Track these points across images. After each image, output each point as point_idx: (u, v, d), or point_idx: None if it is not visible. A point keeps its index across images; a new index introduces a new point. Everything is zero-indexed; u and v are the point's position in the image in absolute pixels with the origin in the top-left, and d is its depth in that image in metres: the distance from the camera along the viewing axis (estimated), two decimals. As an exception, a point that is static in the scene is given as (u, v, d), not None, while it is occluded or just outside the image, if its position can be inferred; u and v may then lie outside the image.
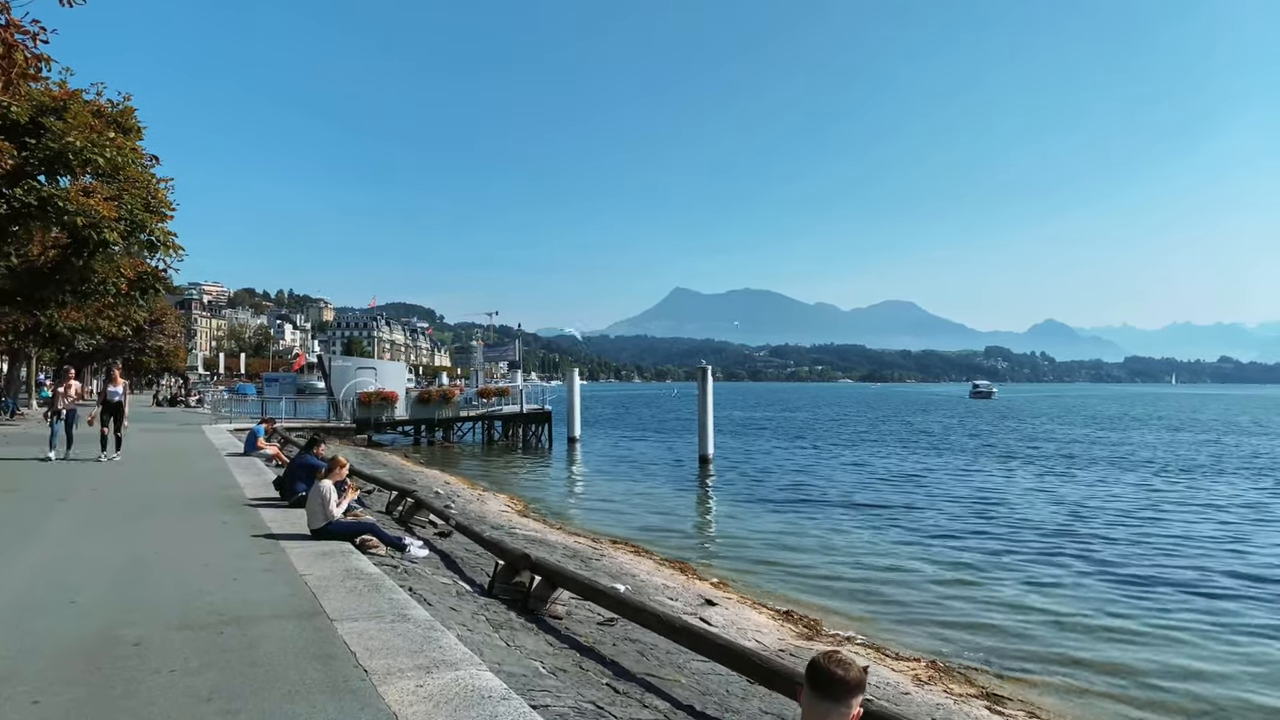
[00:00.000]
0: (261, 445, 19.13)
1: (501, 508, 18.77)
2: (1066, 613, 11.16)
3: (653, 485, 25.28)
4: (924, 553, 15.05)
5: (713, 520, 19.11)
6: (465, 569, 9.51)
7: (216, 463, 17.42)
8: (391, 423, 37.11)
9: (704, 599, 10.50)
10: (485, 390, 39.73)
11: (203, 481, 14.08)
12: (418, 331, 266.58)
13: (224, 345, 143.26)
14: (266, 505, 11.54)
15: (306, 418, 38.35)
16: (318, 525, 9.00)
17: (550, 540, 14.03)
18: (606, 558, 12.70)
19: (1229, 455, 35.97)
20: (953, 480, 26.20)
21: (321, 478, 9.29)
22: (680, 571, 12.64)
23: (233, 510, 10.98)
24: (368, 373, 38.45)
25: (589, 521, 18.50)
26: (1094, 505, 21.03)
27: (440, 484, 22.56)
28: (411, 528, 12.17)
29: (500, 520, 16.49)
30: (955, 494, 22.98)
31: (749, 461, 32.42)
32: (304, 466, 11.55)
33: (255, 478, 14.76)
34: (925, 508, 20.46)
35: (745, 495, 22.88)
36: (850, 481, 25.89)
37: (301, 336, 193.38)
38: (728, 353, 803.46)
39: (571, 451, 37.20)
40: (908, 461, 32.60)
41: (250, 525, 9.86)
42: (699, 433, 30.43)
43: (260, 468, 16.63)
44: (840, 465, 31.19)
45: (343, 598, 6.54)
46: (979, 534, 16.97)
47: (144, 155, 22.66)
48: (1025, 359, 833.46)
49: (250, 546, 8.56)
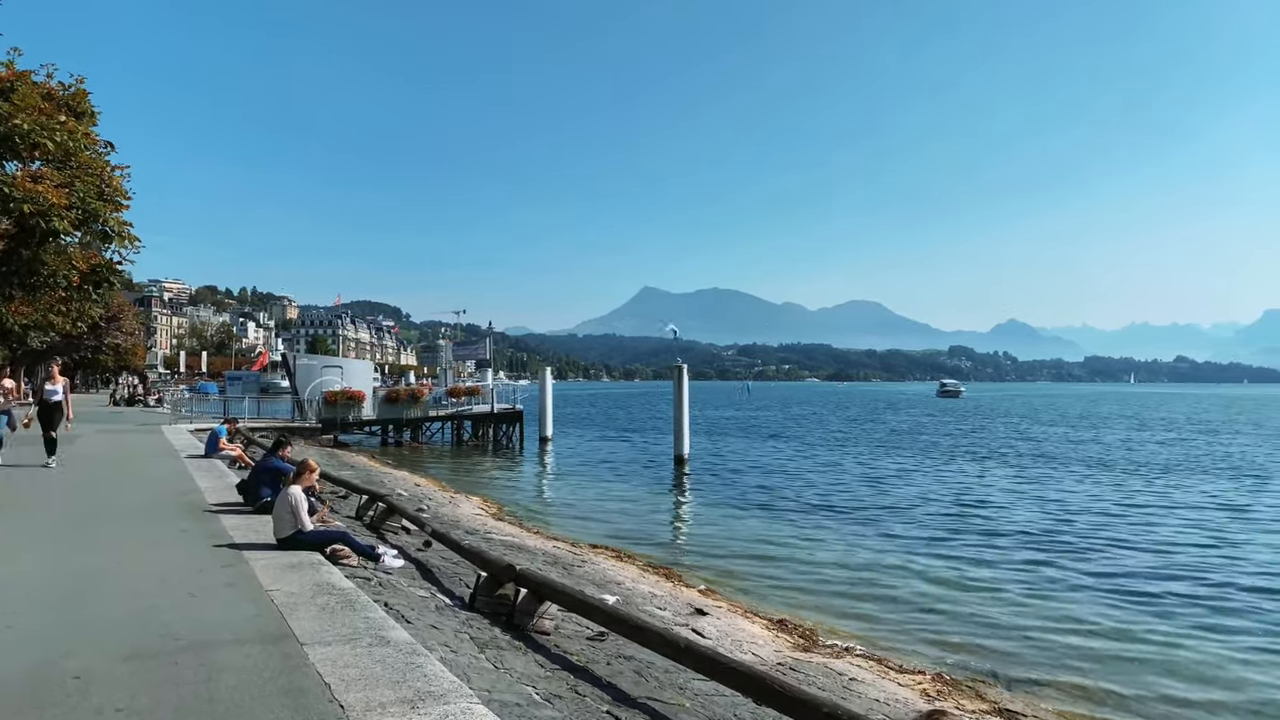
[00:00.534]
0: (224, 446, 18.28)
1: (475, 511, 18.14)
2: (1065, 618, 10.87)
3: (629, 486, 24.80)
4: (911, 557, 14.72)
5: (693, 523, 18.67)
6: (443, 579, 8.94)
7: (176, 465, 16.57)
8: (358, 423, 36.14)
9: (694, 608, 10.02)
10: (455, 389, 38.92)
11: (160, 486, 13.29)
12: (383, 330, 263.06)
13: (185, 343, 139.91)
14: (229, 511, 10.84)
15: (270, 417, 37.24)
16: (285, 534, 8.36)
17: (529, 545, 13.47)
18: (589, 564, 12.17)
19: (1202, 455, 36.34)
20: (931, 481, 26.03)
21: (290, 483, 8.65)
22: (666, 578, 12.15)
23: (192, 517, 10.28)
24: (334, 371, 37.44)
25: (566, 525, 17.97)
26: (1077, 506, 20.95)
27: (410, 486, 21.84)
28: (384, 534, 11.54)
29: (474, 524, 15.87)
30: (936, 495, 22.79)
31: (725, 462, 32.07)
32: (269, 470, 10.87)
33: (217, 481, 14.00)
34: (908, 510, 20.19)
35: (723, 497, 22.48)
36: (828, 483, 25.61)
37: (265, 335, 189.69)
38: (696, 352, 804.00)
39: (543, 452, 36.58)
40: (884, 462, 32.45)
41: (211, 534, 9.18)
42: (675, 432, 29.96)
43: (222, 470, 15.82)
44: (817, 466, 30.97)
45: (314, 617, 5.93)
46: (964, 536, 16.72)
47: (98, 141, 21.62)
48: (988, 358, 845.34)
49: (211, 558, 7.90)
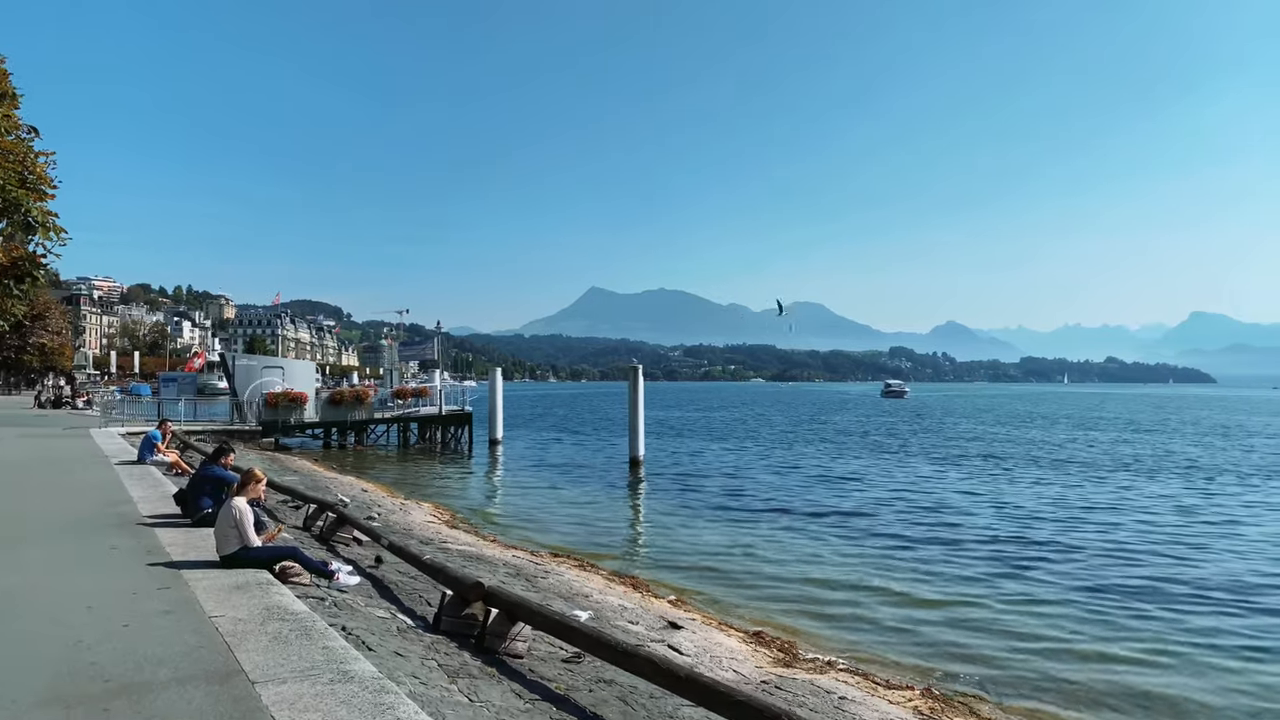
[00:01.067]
0: (160, 451, 17.27)
1: (427, 518, 17.43)
2: (1047, 626, 10.72)
3: (584, 490, 24.28)
4: (879, 562, 14.51)
5: (654, 529, 18.17)
6: (403, 597, 8.35)
7: (106, 473, 15.53)
8: (301, 425, 34.91)
9: (667, 621, 9.59)
10: (402, 391, 37.87)
11: (89, 496, 12.35)
12: (324, 330, 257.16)
13: (116, 344, 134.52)
14: (166, 524, 10.05)
15: (207, 420, 35.77)
16: (229, 551, 7.68)
17: (487, 555, 12.89)
18: (553, 575, 11.64)
19: (1150, 455, 37.13)
20: (890, 483, 25.92)
21: (234, 494, 7.96)
22: (633, 588, 11.69)
23: (125, 531, 9.48)
24: (274, 372, 36.11)
25: (524, 532, 17.38)
26: (1037, 508, 20.87)
27: (356, 492, 20.98)
28: (335, 547, 10.87)
29: (428, 533, 15.21)
30: (897, 498, 22.65)
31: (680, 464, 31.69)
32: (211, 479, 10.11)
33: (152, 490, 13.09)
34: (870, 514, 19.95)
35: (683, 501, 22.10)
36: (787, 485, 25.43)
37: (201, 334, 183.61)
38: (643, 353, 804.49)
39: (493, 454, 35.81)
40: (840, 463, 32.40)
41: (146, 550, 8.43)
42: (630, 434, 29.53)
43: (158, 478, 14.85)
44: (774, 467, 30.78)
45: (265, 648, 5.33)
46: (929, 540, 16.56)
47: (20, 125, 20.30)
48: (928, 359, 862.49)
49: (146, 579, 7.19)
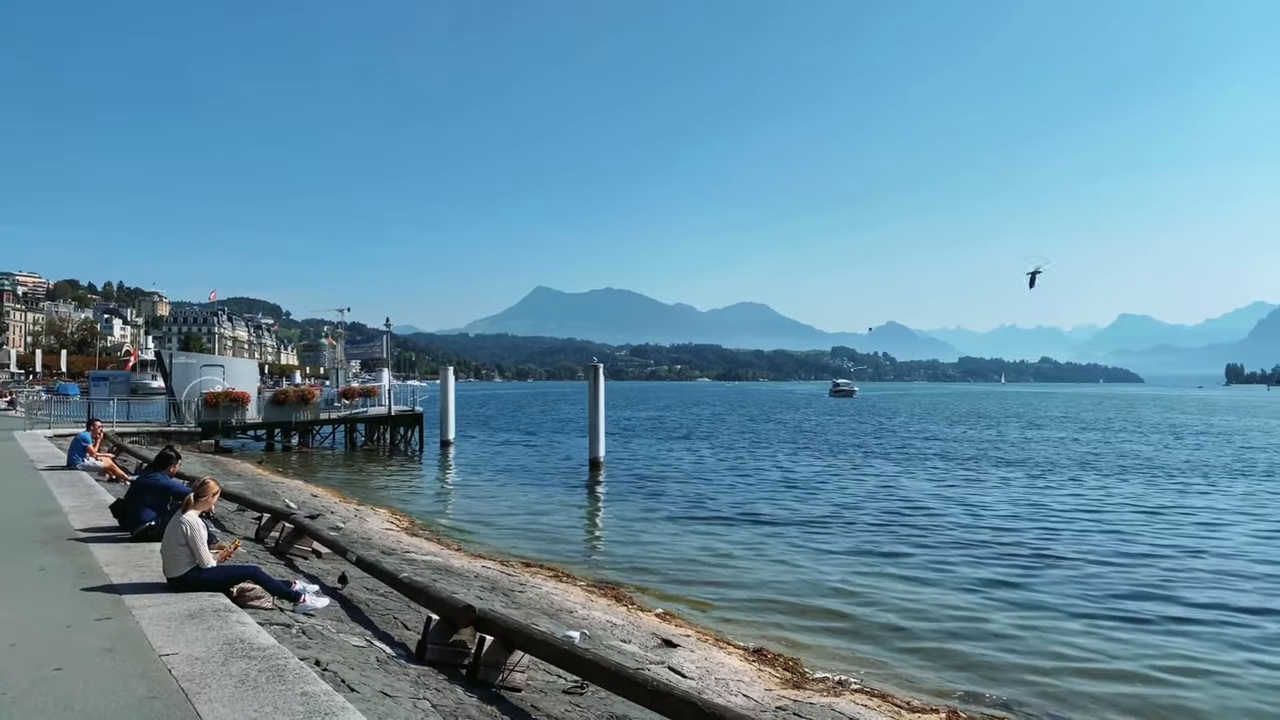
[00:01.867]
0: (92, 455, 15.96)
1: (385, 525, 16.46)
2: (1052, 637, 10.30)
3: (546, 494, 23.46)
4: (865, 569, 14.00)
5: (624, 534, 17.39)
6: (377, 620, 7.53)
7: (32, 480, 14.24)
8: (242, 426, 33.31)
9: (660, 638, 8.92)
10: (349, 390, 36.44)
11: (12, 506, 11.17)
12: (263, 328, 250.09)
13: (42, 341, 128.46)
14: (102, 538, 9.03)
15: (142, 421, 33.88)
16: (179, 572, 6.77)
17: (455, 567, 12.06)
18: (530, 588, 10.88)
19: (1111, 454, 37.73)
20: (859, 485, 25.45)
21: (186, 507, 7.01)
22: (615, 600, 11.00)
23: (55, 548, 8.44)
24: (214, 371, 34.43)
25: (488, 539, 16.53)
26: (1017, 510, 20.54)
27: (306, 497, 19.86)
28: (293, 561, 9.94)
29: (387, 541, 14.28)
30: (870, 500, 22.22)
31: (640, 465, 31.05)
32: (154, 488, 9.09)
33: (84, 499, 11.93)
34: (842, 516, 19.54)
35: (649, 504, 21.42)
36: (754, 487, 24.89)
37: (133, 332, 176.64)
38: (589, 352, 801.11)
39: (445, 456, 34.72)
40: (803, 464, 31.99)
41: (80, 571, 7.45)
42: (590, 434, 28.78)
43: (90, 485, 13.63)
44: (737, 469, 30.21)
45: (232, 697, 4.49)
46: (916, 546, 16.12)
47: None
48: (869, 358, 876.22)
49: (82, 608, 6.26)
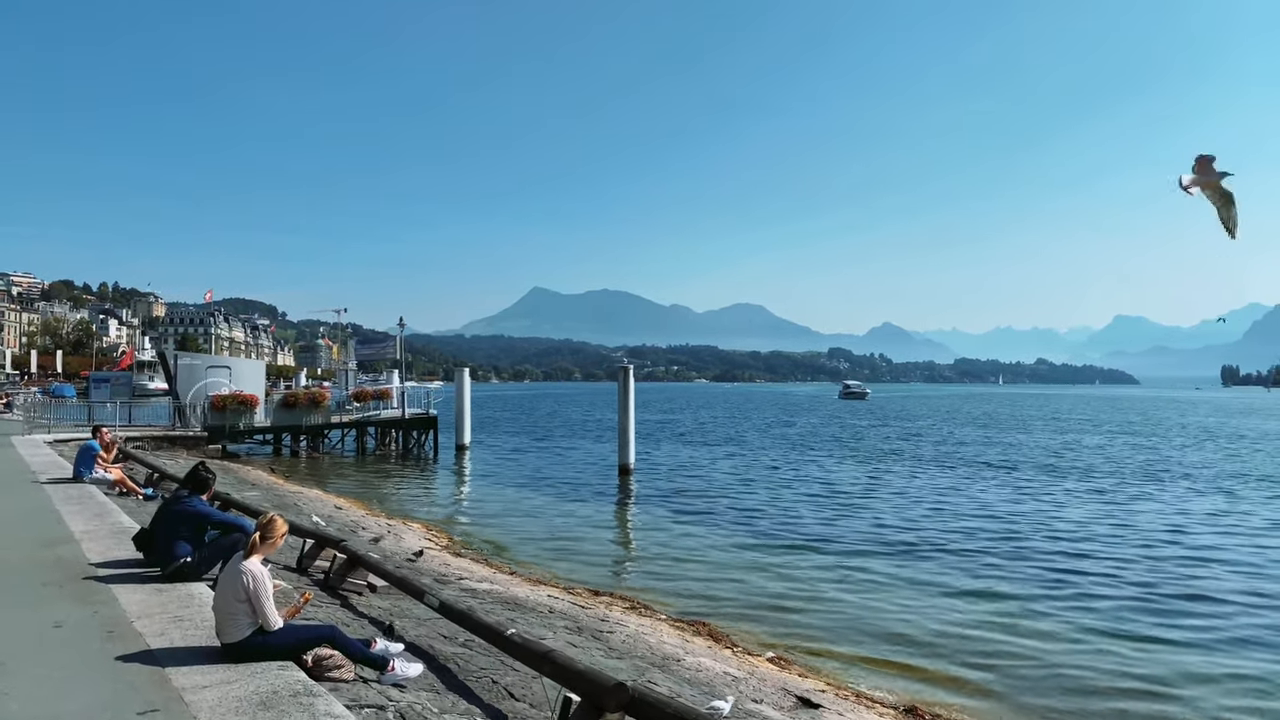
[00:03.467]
0: (103, 465, 14.45)
1: (423, 542, 14.99)
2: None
3: (579, 504, 22.00)
4: (988, 599, 12.31)
5: (680, 552, 15.73)
6: (477, 687, 6.09)
7: (35, 496, 12.71)
8: (250, 430, 31.81)
9: (795, 696, 7.49)
10: (362, 392, 34.96)
11: (15, 532, 9.66)
12: (259, 329, 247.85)
13: (37, 342, 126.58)
14: (126, 576, 7.54)
15: (146, 425, 32.41)
16: (238, 636, 5.31)
17: (520, 597, 10.61)
18: (615, 625, 9.43)
19: (1162, 460, 36.29)
20: (918, 496, 23.44)
21: (249, 551, 5.53)
22: (714, 640, 9.58)
23: (71, 592, 6.97)
24: (220, 372, 32.94)
25: (536, 559, 15.02)
26: (1108, 530, 18.89)
27: (330, 509, 18.41)
28: (347, 598, 8.49)
29: (433, 564, 12.83)
30: (938, 514, 20.40)
31: (672, 472, 29.22)
32: (189, 517, 7.55)
33: (97, 522, 10.42)
34: (924, 534, 17.71)
35: (694, 516, 19.78)
36: (801, 498, 23.08)
37: (129, 333, 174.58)
38: (586, 353, 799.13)
39: (460, 462, 33.25)
40: (846, 472, 29.84)
41: (106, 629, 5.97)
42: (619, 440, 27.30)
43: (101, 503, 12.07)
44: (775, 477, 28.03)
45: None
46: (1027, 575, 14.31)
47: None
48: (865, 360, 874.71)
49: (117, 690, 4.76)
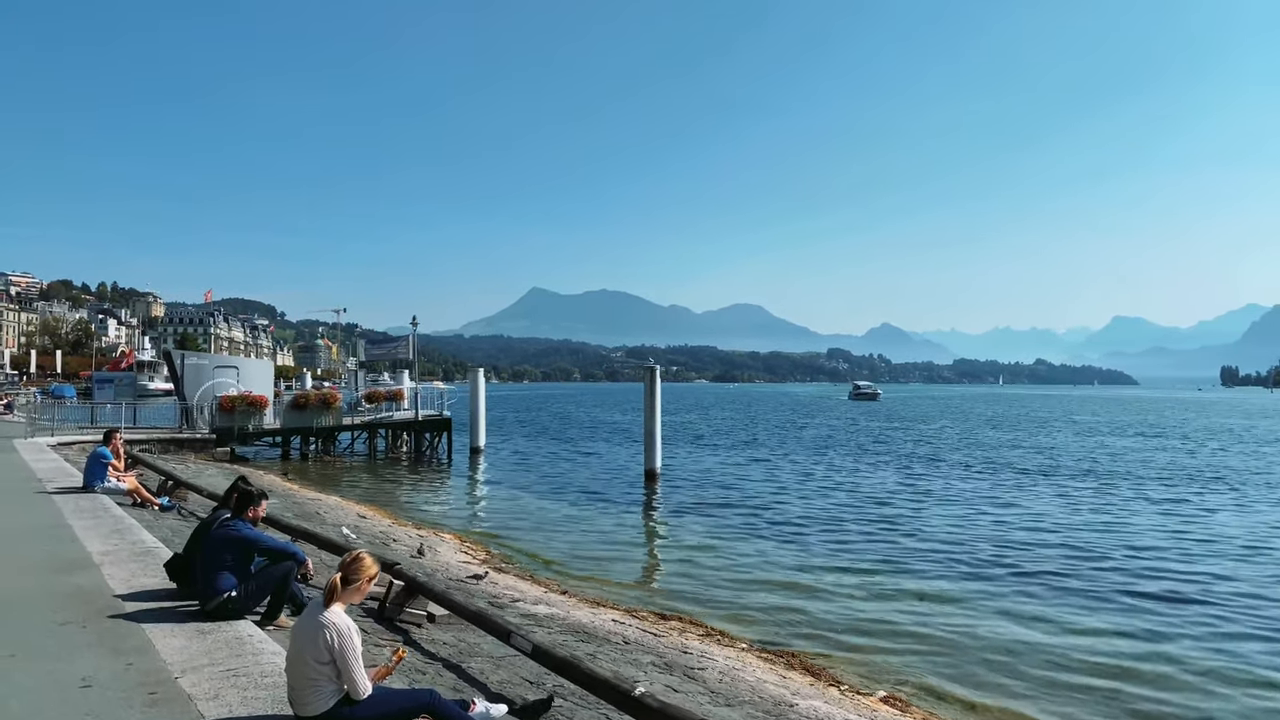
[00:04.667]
0: (115, 474, 13.37)
1: (460, 557, 13.91)
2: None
3: (608, 512, 20.89)
4: (1073, 616, 11.30)
5: (742, 572, 14.22)
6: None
7: (44, 509, 11.62)
8: (259, 432, 30.73)
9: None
10: (374, 394, 33.88)
11: (26, 555, 8.57)
12: (259, 329, 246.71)
13: (36, 342, 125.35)
14: (159, 612, 6.46)
15: (150, 426, 31.32)
16: (322, 706, 4.23)
17: (582, 622, 9.53)
18: (704, 660, 8.37)
19: (1211, 465, 34.98)
20: (981, 506, 21.88)
21: (330, 597, 4.41)
22: (810, 675, 8.51)
23: (97, 634, 5.89)
24: (228, 372, 31.93)
25: (584, 576, 13.86)
26: (1197, 545, 17.91)
27: (353, 518, 17.34)
28: (408, 632, 7.44)
29: (459, 574, 11.76)
30: (982, 519, 19.39)
31: (701, 478, 27.73)
32: (235, 543, 6.44)
33: (117, 540, 9.33)
34: (977, 542, 16.59)
35: (737, 528, 18.47)
36: (842, 507, 21.65)
37: (128, 333, 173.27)
38: (585, 353, 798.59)
39: (475, 464, 32.20)
40: (881, 477, 28.36)
41: (146, 686, 4.90)
42: (645, 443, 26.17)
43: (118, 517, 10.96)
44: (809, 484, 26.45)
45: None
46: (1117, 582, 13.51)
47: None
48: (864, 360, 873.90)
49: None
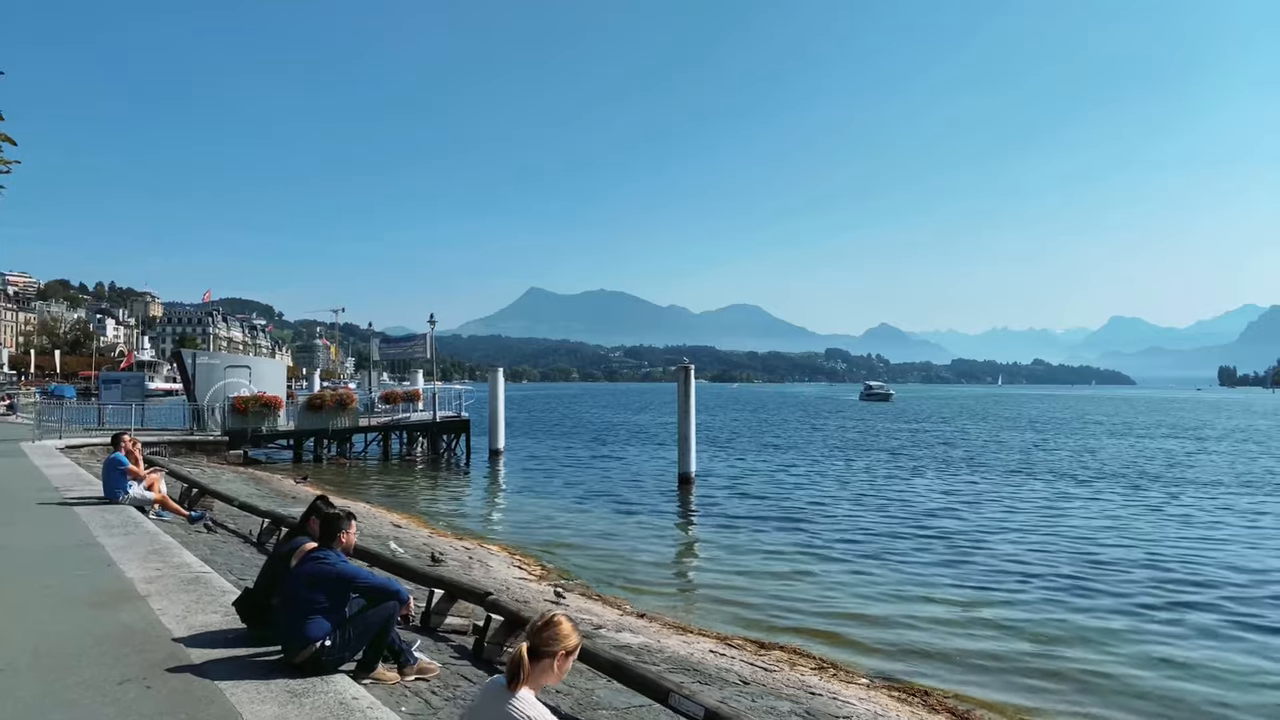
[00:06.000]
0: (146, 482, 12.25)
1: (515, 573, 12.86)
2: None
3: (647, 519, 19.80)
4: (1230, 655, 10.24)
5: (809, 588, 13.05)
6: None
7: (68, 524, 10.38)
8: (273, 434, 29.70)
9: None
10: (392, 394, 32.86)
11: (57, 579, 7.43)
12: (257, 329, 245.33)
13: (34, 342, 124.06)
14: (231, 662, 5.36)
15: (160, 427, 30.24)
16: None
17: (682, 656, 8.47)
18: (837, 704, 7.33)
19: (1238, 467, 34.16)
20: (1021, 506, 21.32)
21: (516, 676, 3.18)
22: (949, 715, 7.49)
23: (165, 696, 4.76)
24: (240, 372, 30.90)
25: (647, 592, 12.82)
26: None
27: (387, 527, 16.30)
28: (447, 638, 6.40)
29: (530, 597, 10.71)
30: (1056, 534, 17.93)
31: (736, 482, 26.57)
32: (329, 580, 5.30)
33: (159, 564, 8.15)
34: (1065, 561, 15.23)
35: (790, 538, 17.28)
36: (894, 519, 20.01)
37: (126, 333, 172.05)
38: (583, 353, 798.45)
39: (496, 467, 31.14)
40: (925, 482, 26.84)
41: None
42: (679, 446, 25.11)
43: (151, 533, 9.76)
44: (848, 489, 25.20)
45: None
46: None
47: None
48: (862, 360, 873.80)
49: None
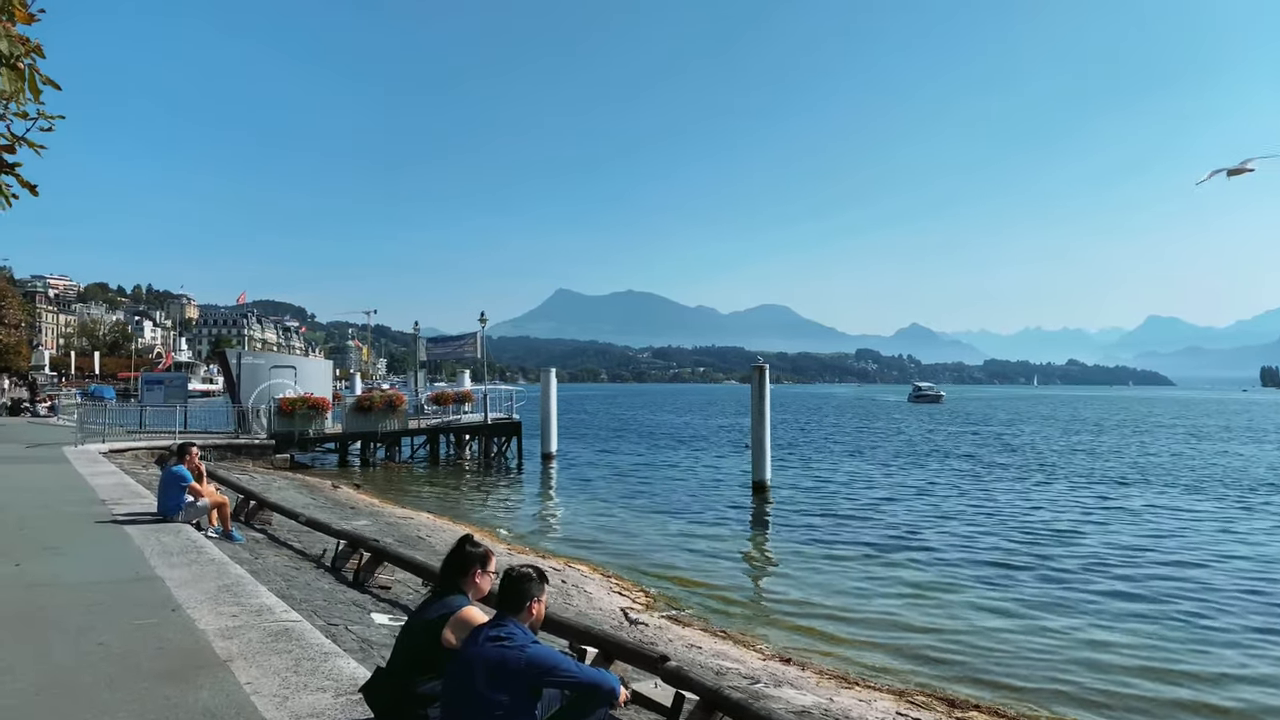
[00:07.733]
0: (211, 500, 10.95)
1: (616, 599, 11.47)
2: None
3: (727, 531, 18.45)
4: None
5: (951, 618, 11.53)
6: None
7: (119, 547, 8.92)
8: (321, 437, 28.64)
9: None
10: (443, 395, 31.73)
11: (113, 632, 5.90)
12: (291, 330, 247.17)
13: (74, 344, 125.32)
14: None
15: (203, 430, 29.30)
16: None
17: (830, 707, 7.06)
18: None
19: None
20: (1136, 518, 19.70)
21: None
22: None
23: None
24: (285, 373, 29.92)
25: (771, 619, 11.35)
26: None
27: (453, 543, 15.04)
28: None
29: (654, 635, 9.34)
30: (1199, 552, 16.09)
31: (808, 492, 24.53)
32: (517, 671, 3.69)
33: (233, 608, 6.58)
34: (1220, 589, 13.61)
35: (901, 557, 15.57)
36: (1008, 532, 18.26)
37: (163, 334, 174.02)
38: (611, 354, 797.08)
39: (548, 473, 29.86)
40: (1015, 493, 24.53)
41: None
42: (754, 451, 23.64)
43: (220, 563, 8.25)
44: (930, 498, 23.42)
45: None
46: None
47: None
48: (893, 361, 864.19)
49: None
